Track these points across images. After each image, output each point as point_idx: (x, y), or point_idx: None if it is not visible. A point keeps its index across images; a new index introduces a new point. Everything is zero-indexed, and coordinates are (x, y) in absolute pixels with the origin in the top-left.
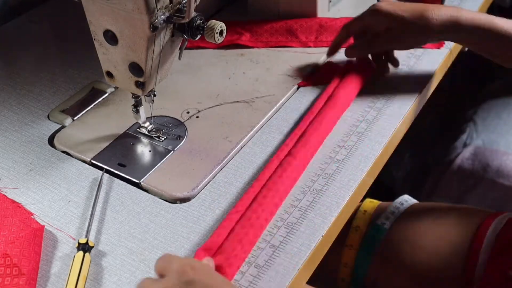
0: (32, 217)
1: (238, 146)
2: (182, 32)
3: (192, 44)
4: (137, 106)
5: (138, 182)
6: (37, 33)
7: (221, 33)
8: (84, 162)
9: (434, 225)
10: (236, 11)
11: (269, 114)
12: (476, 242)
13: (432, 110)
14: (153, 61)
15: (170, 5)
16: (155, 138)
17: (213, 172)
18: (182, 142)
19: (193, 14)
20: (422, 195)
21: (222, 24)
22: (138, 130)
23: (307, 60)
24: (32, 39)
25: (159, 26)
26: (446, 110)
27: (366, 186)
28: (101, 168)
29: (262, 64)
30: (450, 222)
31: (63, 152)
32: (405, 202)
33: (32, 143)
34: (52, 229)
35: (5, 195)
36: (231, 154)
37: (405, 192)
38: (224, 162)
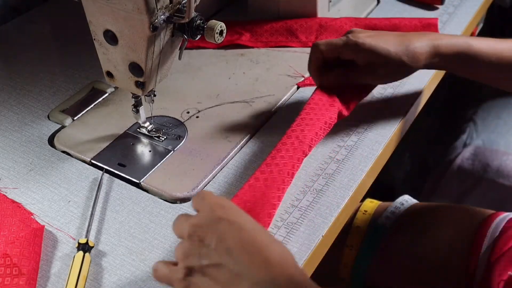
0: (32, 217)
1: (238, 146)
2: (182, 32)
3: (192, 44)
4: (137, 106)
5: (138, 182)
6: (37, 33)
7: (221, 33)
8: (84, 162)
9: (434, 225)
10: (236, 11)
11: (269, 114)
12: (476, 242)
13: (432, 110)
14: (153, 61)
15: (170, 5)
16: (155, 138)
17: (213, 172)
18: (182, 142)
19: (193, 14)
20: (422, 195)
21: (222, 24)
22: (138, 130)
23: (307, 60)
24: (32, 39)
25: (159, 26)
26: (446, 110)
27: (366, 186)
28: (101, 168)
29: (262, 64)
30: (450, 222)
31: (63, 152)
32: (405, 202)
33: (32, 143)
34: (52, 229)
35: (5, 195)
36: (231, 154)
37: (405, 192)
38: (224, 162)
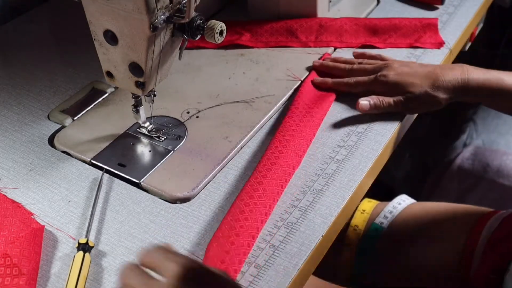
0: (32, 217)
1: (238, 146)
2: (182, 32)
3: (192, 44)
4: (137, 106)
5: (138, 182)
6: (37, 33)
7: (221, 33)
8: (84, 162)
9: (431, 224)
10: (236, 11)
11: (269, 114)
12: (471, 240)
13: (432, 110)
14: (153, 61)
15: (170, 5)
16: (155, 138)
17: (213, 172)
18: (182, 142)
19: (193, 14)
20: (422, 195)
21: (222, 24)
22: (138, 130)
23: (307, 60)
24: (32, 39)
25: (159, 26)
26: (446, 110)
27: (366, 186)
28: (101, 168)
29: (262, 64)
30: (447, 221)
31: (63, 152)
32: (402, 202)
33: (32, 143)
34: (52, 229)
35: (5, 195)
36: (231, 154)
37: (405, 192)
38: (224, 162)
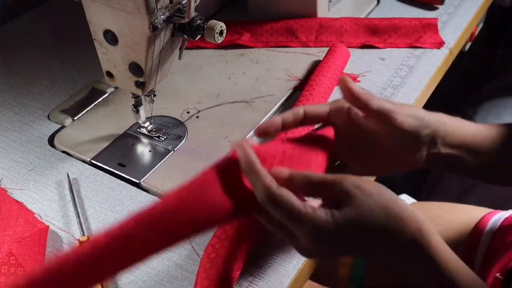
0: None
1: None
2: (182, 32)
3: (192, 44)
4: (137, 106)
5: (138, 182)
6: (37, 33)
7: (221, 33)
8: (84, 162)
9: (432, 224)
10: (236, 11)
11: (269, 114)
12: (473, 240)
13: (432, 110)
14: (153, 61)
15: (170, 5)
16: (155, 138)
17: None
18: (182, 142)
19: (193, 14)
20: (422, 195)
21: (222, 24)
22: (138, 130)
23: (307, 60)
24: (32, 39)
25: (159, 26)
26: (446, 110)
27: None
28: (101, 168)
29: (262, 64)
30: (447, 221)
31: (63, 152)
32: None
33: (32, 143)
34: (54, 228)
35: (9, 195)
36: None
37: (405, 191)
38: None
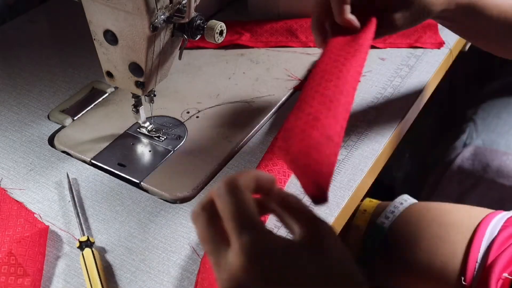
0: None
1: (238, 146)
2: (182, 32)
3: (192, 44)
4: (137, 106)
5: (138, 182)
6: (37, 33)
7: (221, 33)
8: (84, 162)
9: (433, 224)
10: (236, 11)
11: (269, 114)
12: (474, 241)
13: (432, 110)
14: (153, 61)
15: (170, 5)
16: (155, 138)
17: (213, 172)
18: (182, 142)
19: (193, 14)
20: (422, 195)
21: (222, 24)
22: (138, 130)
23: (307, 60)
24: (32, 39)
25: (159, 26)
26: (446, 110)
27: (366, 186)
28: (101, 168)
29: (262, 64)
30: (449, 222)
31: (63, 152)
32: (404, 201)
33: (32, 143)
34: (54, 228)
35: (9, 195)
36: (231, 154)
37: (405, 191)
38: (224, 162)
